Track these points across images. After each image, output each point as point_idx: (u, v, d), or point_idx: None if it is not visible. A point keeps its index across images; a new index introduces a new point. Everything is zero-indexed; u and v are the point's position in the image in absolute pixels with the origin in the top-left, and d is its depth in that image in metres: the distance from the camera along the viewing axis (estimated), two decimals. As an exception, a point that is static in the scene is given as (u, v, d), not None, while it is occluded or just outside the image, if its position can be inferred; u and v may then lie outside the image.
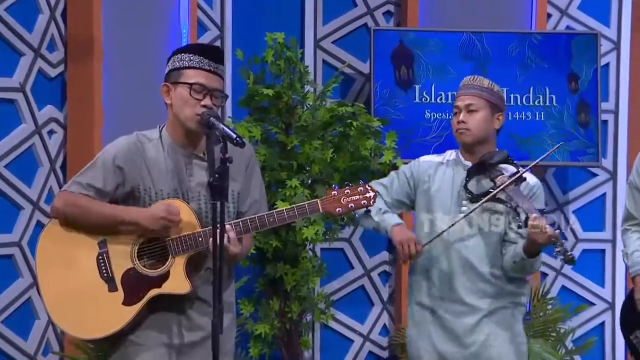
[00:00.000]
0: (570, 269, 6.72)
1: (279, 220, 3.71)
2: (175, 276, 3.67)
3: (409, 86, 6.34)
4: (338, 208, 3.72)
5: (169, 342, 3.70)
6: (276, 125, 5.75)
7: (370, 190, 3.74)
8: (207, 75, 3.68)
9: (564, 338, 6.33)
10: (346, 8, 6.45)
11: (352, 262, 6.47)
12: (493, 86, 4.32)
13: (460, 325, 4.28)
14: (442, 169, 4.35)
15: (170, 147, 3.73)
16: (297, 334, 5.84)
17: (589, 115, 6.49)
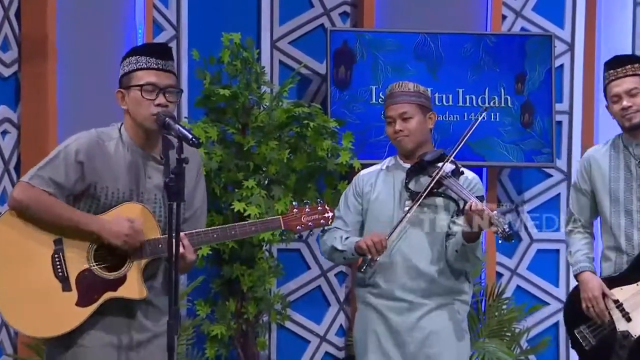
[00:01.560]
0: (525, 268, 6.77)
1: (240, 234, 3.75)
2: (132, 281, 3.65)
3: (346, 86, 6.34)
4: (298, 226, 3.81)
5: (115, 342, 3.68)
6: (233, 126, 5.74)
7: (328, 210, 3.82)
8: (156, 74, 3.66)
9: (518, 338, 6.37)
10: (303, 9, 6.46)
11: (308, 262, 6.47)
12: (418, 87, 4.41)
13: (403, 323, 4.32)
14: (382, 176, 4.42)
15: (130, 147, 3.72)
16: (253, 334, 5.84)
17: (533, 116, 6.54)
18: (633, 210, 4.57)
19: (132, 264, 3.65)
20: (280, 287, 6.19)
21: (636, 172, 4.59)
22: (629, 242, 4.58)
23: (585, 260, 4.64)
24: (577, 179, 4.72)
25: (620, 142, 4.65)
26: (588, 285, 4.57)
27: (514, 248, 6.76)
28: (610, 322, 4.57)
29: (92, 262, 3.65)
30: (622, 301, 4.55)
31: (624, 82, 4.55)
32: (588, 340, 4.62)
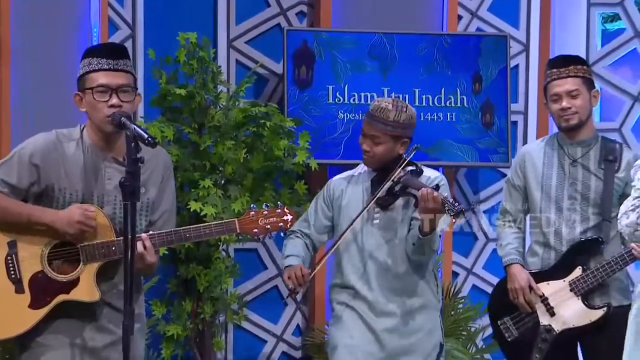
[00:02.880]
0: (481, 268, 6.80)
1: (195, 237, 3.73)
2: (85, 283, 3.63)
3: (307, 86, 6.34)
4: (255, 229, 3.77)
5: (75, 344, 3.67)
6: (189, 126, 5.73)
7: (288, 213, 3.79)
8: (107, 74, 3.65)
9: (474, 336, 6.41)
10: (259, 8, 6.45)
11: (265, 262, 6.47)
12: (400, 116, 4.40)
13: (380, 324, 4.35)
14: (353, 183, 4.49)
15: (90, 148, 3.70)
16: (209, 334, 5.82)
17: (494, 116, 6.58)
18: (564, 207, 4.65)
19: (85, 267, 3.63)
20: (236, 287, 6.18)
21: (569, 171, 4.67)
22: (557, 238, 4.66)
23: (515, 253, 4.73)
24: (511, 174, 4.81)
25: (556, 141, 4.73)
26: (516, 276, 4.67)
27: (470, 247, 6.80)
28: (534, 315, 4.65)
29: (45, 264, 3.63)
30: (548, 296, 4.64)
31: (565, 83, 4.61)
32: (511, 332, 4.70)
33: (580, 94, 4.61)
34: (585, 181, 4.64)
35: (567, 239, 4.65)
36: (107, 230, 3.64)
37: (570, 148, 4.68)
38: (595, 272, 4.58)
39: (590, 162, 4.65)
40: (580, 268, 4.61)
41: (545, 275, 4.68)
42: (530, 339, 4.66)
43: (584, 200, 4.63)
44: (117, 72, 3.66)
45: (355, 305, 4.42)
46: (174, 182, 3.87)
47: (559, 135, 4.73)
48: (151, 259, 3.64)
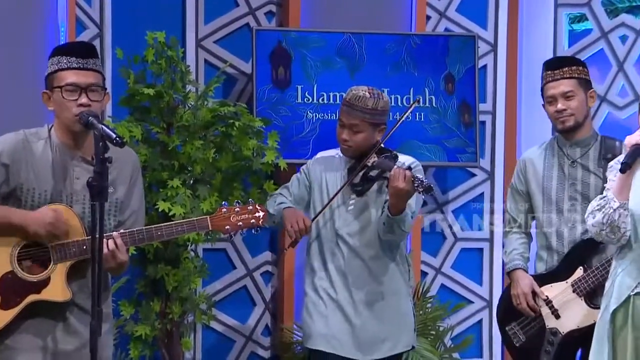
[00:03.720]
0: (449, 267, 6.82)
1: (166, 235, 3.73)
2: (56, 283, 3.61)
3: (286, 86, 6.35)
4: (227, 226, 3.77)
5: (46, 346, 3.65)
6: (157, 125, 5.71)
7: (259, 210, 3.79)
8: (76, 73, 3.64)
9: (443, 336, 6.42)
10: (228, 8, 6.43)
11: (234, 262, 6.46)
12: (377, 103, 4.48)
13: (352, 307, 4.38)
14: (331, 168, 4.62)
15: (58, 148, 3.68)
16: (178, 335, 5.81)
17: (471, 115, 6.60)
18: (564, 209, 4.67)
19: (56, 266, 3.61)
20: (205, 287, 6.17)
21: (569, 172, 4.69)
22: (559, 241, 4.67)
23: (519, 258, 4.75)
24: (514, 180, 4.83)
25: (555, 143, 4.76)
26: (519, 282, 4.68)
27: (439, 247, 6.81)
28: (540, 319, 4.66)
29: (15, 264, 3.61)
30: (552, 298, 4.65)
31: (560, 85, 4.63)
32: (518, 337, 4.72)
33: (576, 95, 4.63)
34: (585, 180, 4.65)
35: (569, 240, 4.65)
36: (78, 230, 3.63)
37: (569, 149, 4.69)
38: (596, 271, 4.58)
39: (590, 162, 4.67)
40: (582, 268, 4.61)
41: (548, 277, 4.68)
42: (538, 343, 4.65)
43: (584, 199, 4.64)
44: (87, 71, 3.65)
45: (328, 292, 4.46)
46: (142, 182, 3.86)
47: (558, 137, 4.74)
48: (122, 257, 3.64)
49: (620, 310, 3.92)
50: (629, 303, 3.90)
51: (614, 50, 6.82)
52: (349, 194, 4.52)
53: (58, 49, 3.76)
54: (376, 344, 4.51)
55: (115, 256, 3.61)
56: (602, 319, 3.97)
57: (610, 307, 3.93)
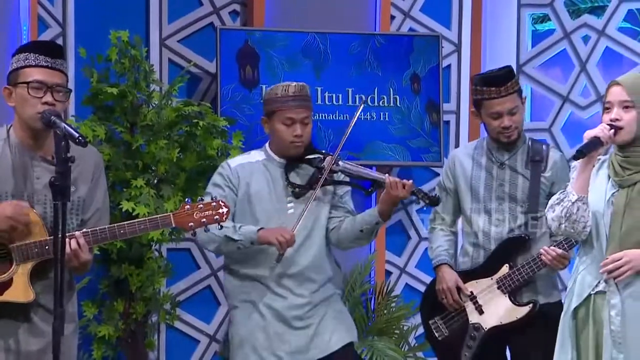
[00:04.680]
0: (414, 267, 6.84)
1: (130, 232, 3.69)
2: (18, 284, 3.59)
3: (254, 86, 6.35)
4: (190, 223, 3.73)
5: (9, 348, 3.62)
6: (121, 125, 5.69)
7: (223, 205, 3.76)
8: (44, 72, 3.62)
9: (407, 335, 6.45)
10: (192, 7, 6.42)
11: (198, 262, 6.44)
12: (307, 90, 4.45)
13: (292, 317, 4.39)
14: (256, 171, 4.44)
15: (17, 148, 3.66)
16: (142, 335, 5.79)
17: (439, 114, 6.63)
18: (492, 208, 4.74)
19: (18, 267, 3.59)
20: (169, 287, 6.15)
21: (497, 173, 4.75)
22: (486, 238, 4.74)
23: (444, 254, 4.82)
24: (442, 178, 4.89)
25: (485, 145, 4.80)
26: (444, 277, 4.75)
27: (403, 246, 6.83)
28: (464, 313, 4.71)
29: (-24, 266, 3.59)
30: (476, 294, 4.71)
31: (505, 102, 4.67)
32: (441, 331, 4.77)
33: (519, 109, 4.70)
34: (513, 181, 4.72)
35: (496, 238, 4.72)
36: (40, 230, 3.60)
37: (498, 151, 4.76)
38: (522, 269, 4.65)
39: (517, 164, 4.74)
40: (507, 266, 4.68)
41: (473, 273, 4.75)
42: (460, 337, 4.71)
43: (511, 200, 4.71)
44: (54, 70, 3.64)
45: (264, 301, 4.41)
46: (105, 181, 3.84)
47: (488, 140, 4.80)
48: (86, 256, 3.61)
49: (582, 309, 3.95)
50: (589, 301, 3.93)
51: (577, 51, 6.86)
52: (283, 198, 4.40)
53: (26, 46, 3.74)
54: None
55: (78, 256, 3.59)
56: (565, 318, 3.99)
57: (572, 305, 3.95)
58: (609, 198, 3.92)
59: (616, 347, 3.84)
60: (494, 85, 4.67)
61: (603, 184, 3.95)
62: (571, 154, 6.73)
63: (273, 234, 4.29)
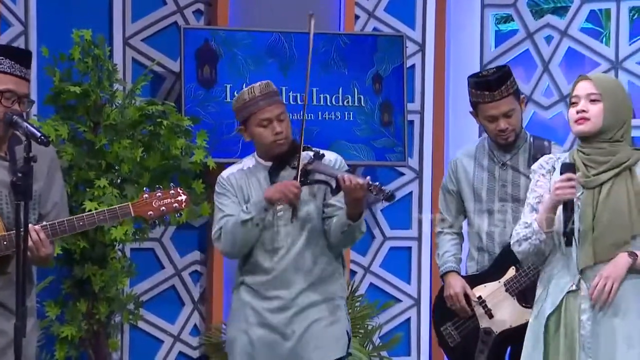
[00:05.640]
0: (378, 266, 6.85)
1: (89, 224, 3.68)
2: None
3: (212, 85, 6.32)
4: (150, 212, 3.72)
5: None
6: (84, 124, 5.66)
7: (181, 193, 3.76)
8: (17, 82, 3.62)
9: (371, 334, 6.46)
10: (156, 6, 6.39)
11: (162, 262, 6.42)
12: (274, 86, 4.41)
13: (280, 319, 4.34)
14: (249, 177, 4.40)
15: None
16: (105, 335, 5.77)
17: (392, 115, 6.64)
18: (495, 210, 4.72)
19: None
20: (133, 287, 6.13)
21: (499, 174, 4.74)
22: (490, 241, 4.73)
23: (452, 260, 4.79)
24: (445, 180, 4.88)
25: (486, 145, 4.79)
26: (452, 284, 4.73)
27: (367, 246, 6.84)
28: (474, 318, 4.71)
29: None
30: (485, 298, 4.70)
31: (500, 105, 4.64)
32: (453, 337, 4.76)
33: (515, 111, 4.66)
34: (515, 182, 4.70)
35: (499, 241, 4.70)
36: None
37: (499, 151, 4.74)
38: (528, 270, 4.62)
39: (520, 163, 4.71)
40: (514, 268, 4.66)
41: (481, 278, 4.73)
42: (473, 342, 4.69)
43: (514, 201, 4.69)
44: (25, 81, 3.65)
45: (263, 308, 4.37)
46: (61, 175, 3.83)
47: (489, 139, 4.78)
48: (47, 250, 3.59)
49: (554, 314, 3.95)
50: (561, 305, 3.94)
51: (540, 51, 6.90)
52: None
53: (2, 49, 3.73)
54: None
55: (39, 249, 3.57)
56: (537, 323, 3.99)
57: (546, 312, 3.95)
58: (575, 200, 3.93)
59: (585, 352, 3.86)
60: (488, 89, 4.62)
61: None
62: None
63: (278, 192, 4.20)
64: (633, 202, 3.86)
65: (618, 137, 3.93)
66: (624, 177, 3.89)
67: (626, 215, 3.85)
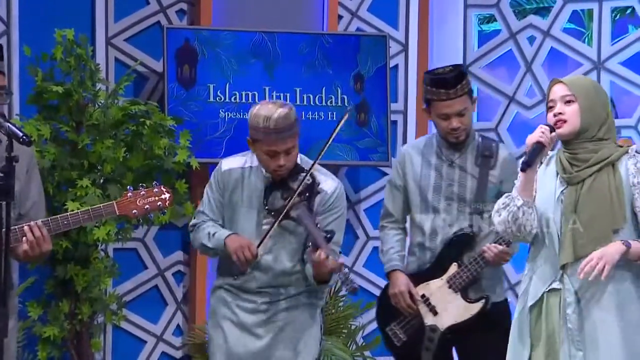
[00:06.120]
0: (361, 266, 6.86)
1: (73, 223, 3.69)
2: None
3: (191, 85, 6.31)
4: (134, 210, 3.74)
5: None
6: (66, 124, 5.65)
7: (165, 192, 3.77)
8: None
9: (354, 334, 6.46)
10: (138, 6, 6.38)
11: (145, 262, 6.41)
12: (293, 112, 4.28)
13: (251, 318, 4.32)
14: (247, 177, 4.36)
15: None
16: (87, 336, 5.76)
17: (369, 114, 6.63)
18: (440, 208, 4.75)
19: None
20: (116, 287, 6.11)
21: (446, 172, 4.76)
22: (433, 239, 4.76)
23: (396, 259, 4.81)
24: (392, 175, 4.88)
25: (434, 142, 4.81)
26: (396, 282, 4.75)
27: (351, 246, 6.84)
28: (419, 317, 4.73)
29: None
30: (429, 296, 4.72)
31: (454, 104, 4.68)
32: (399, 337, 4.78)
33: (468, 111, 4.70)
34: (462, 182, 4.73)
35: (442, 239, 4.74)
36: None
37: (448, 149, 4.76)
38: (470, 266, 4.68)
39: (467, 162, 4.75)
40: (456, 264, 4.70)
41: (424, 275, 4.76)
42: (419, 340, 4.72)
43: (460, 200, 4.73)
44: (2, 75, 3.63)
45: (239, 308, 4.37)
46: (39, 173, 3.83)
47: (437, 137, 4.81)
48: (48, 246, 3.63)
49: (535, 308, 3.98)
50: (542, 301, 3.96)
51: (522, 51, 6.92)
52: (262, 211, 4.30)
53: None
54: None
55: (40, 245, 3.60)
56: (521, 316, 4.02)
57: (528, 304, 3.98)
58: (558, 196, 3.95)
59: (574, 345, 3.88)
60: (444, 87, 4.66)
61: (552, 182, 3.99)
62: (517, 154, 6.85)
63: (235, 248, 4.21)
64: (615, 196, 3.89)
65: (601, 135, 3.96)
66: (607, 172, 3.92)
67: (608, 210, 3.88)
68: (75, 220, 3.69)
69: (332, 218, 4.31)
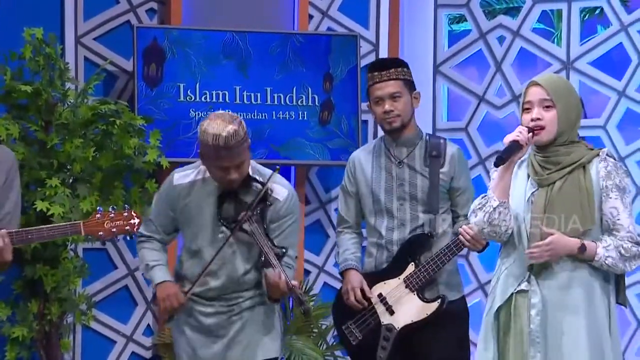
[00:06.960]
0: (332, 265, 6.86)
1: (37, 238, 3.68)
2: None
3: (157, 84, 6.29)
4: (100, 232, 3.73)
5: None
6: (35, 123, 5.62)
7: (135, 217, 3.75)
8: None
9: (325, 334, 6.46)
10: (108, 4, 6.36)
11: (115, 262, 6.38)
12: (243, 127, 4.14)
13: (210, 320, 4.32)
14: (198, 188, 4.28)
15: None
16: (57, 336, 5.73)
17: (332, 114, 6.63)
18: (393, 209, 4.77)
19: None
20: (85, 287, 6.09)
21: (396, 173, 4.79)
22: (389, 240, 4.77)
23: (351, 258, 4.84)
24: (344, 181, 4.90)
25: (382, 144, 4.84)
26: (350, 280, 4.76)
27: (322, 245, 6.85)
28: (375, 316, 4.74)
29: None
30: (385, 295, 4.74)
31: (387, 86, 4.72)
32: (355, 335, 4.79)
33: (402, 96, 4.74)
34: (412, 181, 4.75)
35: (397, 239, 4.76)
36: None
37: (396, 149, 4.79)
38: (427, 266, 4.69)
39: (416, 161, 4.77)
40: (413, 264, 4.72)
41: (381, 275, 4.77)
42: (374, 339, 4.73)
43: (412, 200, 4.75)
44: None
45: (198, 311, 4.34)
46: (19, 183, 3.79)
47: (385, 138, 4.85)
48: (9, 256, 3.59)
49: (504, 308, 3.98)
50: (511, 301, 3.97)
51: (492, 51, 6.94)
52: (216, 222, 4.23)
53: None
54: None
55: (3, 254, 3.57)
56: (488, 317, 4.02)
57: (495, 305, 3.99)
58: (528, 197, 3.96)
59: (534, 346, 3.89)
60: (376, 70, 4.74)
61: (523, 184, 3.99)
62: (487, 154, 6.88)
63: (162, 298, 4.19)
64: (585, 198, 3.89)
65: (572, 137, 3.97)
66: (577, 174, 3.93)
67: (577, 211, 3.89)
68: (40, 236, 3.68)
69: (287, 225, 4.27)
